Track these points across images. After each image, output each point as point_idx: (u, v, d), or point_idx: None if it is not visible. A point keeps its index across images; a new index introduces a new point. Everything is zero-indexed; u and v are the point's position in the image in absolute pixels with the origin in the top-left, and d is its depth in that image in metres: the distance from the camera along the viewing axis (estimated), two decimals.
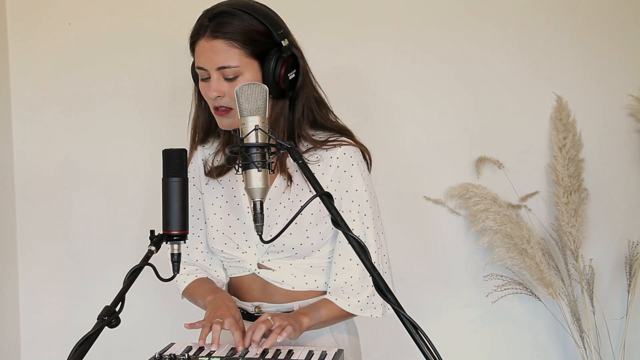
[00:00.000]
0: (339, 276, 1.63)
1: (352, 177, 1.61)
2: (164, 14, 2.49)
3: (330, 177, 1.61)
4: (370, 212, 1.63)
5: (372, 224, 1.63)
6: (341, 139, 1.63)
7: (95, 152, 2.55)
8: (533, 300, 2.44)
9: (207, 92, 1.56)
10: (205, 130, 1.71)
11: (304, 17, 2.44)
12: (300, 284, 1.66)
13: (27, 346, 2.60)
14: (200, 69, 1.56)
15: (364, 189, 1.62)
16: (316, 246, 1.63)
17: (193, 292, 1.72)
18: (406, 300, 1.31)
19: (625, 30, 2.45)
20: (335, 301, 1.62)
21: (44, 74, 2.54)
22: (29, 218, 2.58)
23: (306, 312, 1.58)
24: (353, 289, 1.62)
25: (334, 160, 1.61)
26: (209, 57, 1.53)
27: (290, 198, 1.63)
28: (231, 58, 1.52)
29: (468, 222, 2.46)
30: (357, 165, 1.62)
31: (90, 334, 1.14)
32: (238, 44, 1.52)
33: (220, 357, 1.40)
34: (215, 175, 1.69)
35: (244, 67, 1.53)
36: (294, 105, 1.62)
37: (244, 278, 1.69)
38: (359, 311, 1.63)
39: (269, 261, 1.65)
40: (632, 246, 2.43)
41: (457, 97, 2.47)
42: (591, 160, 2.45)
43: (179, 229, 1.37)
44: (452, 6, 2.45)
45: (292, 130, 1.62)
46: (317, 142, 1.62)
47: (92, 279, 2.56)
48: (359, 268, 1.61)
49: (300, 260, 1.64)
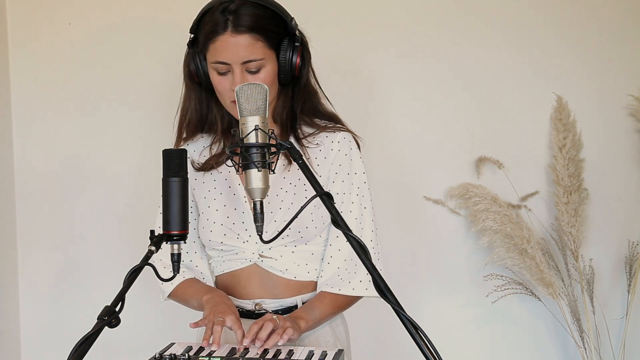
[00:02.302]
0: (333, 259, 1.66)
1: (352, 161, 1.68)
2: (164, 14, 2.49)
3: (331, 161, 1.66)
4: (367, 194, 1.70)
5: (370, 205, 1.70)
6: (338, 125, 1.70)
7: (96, 153, 2.55)
8: (533, 300, 2.44)
9: (228, 86, 1.57)
10: (194, 127, 1.72)
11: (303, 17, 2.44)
12: (302, 273, 1.67)
13: (27, 346, 2.60)
14: (221, 64, 1.56)
15: (362, 172, 1.69)
16: (319, 230, 1.66)
17: (183, 292, 1.71)
18: (406, 300, 1.31)
19: (625, 30, 2.45)
20: (339, 291, 1.64)
21: (44, 74, 2.54)
22: (29, 219, 2.58)
23: (302, 315, 1.59)
24: (349, 271, 1.65)
25: (334, 144, 1.67)
26: (233, 51, 1.53)
27: (292, 182, 1.65)
28: (256, 52, 1.54)
29: (468, 222, 2.46)
30: (355, 149, 1.70)
31: (90, 334, 1.14)
32: (261, 37, 1.54)
33: (220, 357, 1.40)
34: (215, 165, 1.70)
35: (267, 59, 1.56)
36: (294, 93, 1.66)
37: (242, 271, 1.68)
38: (364, 291, 1.65)
39: (270, 249, 1.65)
40: (632, 246, 2.44)
41: (457, 97, 2.47)
42: (591, 160, 2.45)
43: (179, 228, 1.37)
44: (453, 6, 2.45)
45: (294, 116, 1.67)
46: (319, 127, 1.68)
47: (92, 279, 2.56)
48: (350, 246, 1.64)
49: (303, 247, 1.66)
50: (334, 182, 1.66)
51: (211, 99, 1.68)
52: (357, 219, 1.67)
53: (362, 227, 1.66)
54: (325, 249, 1.68)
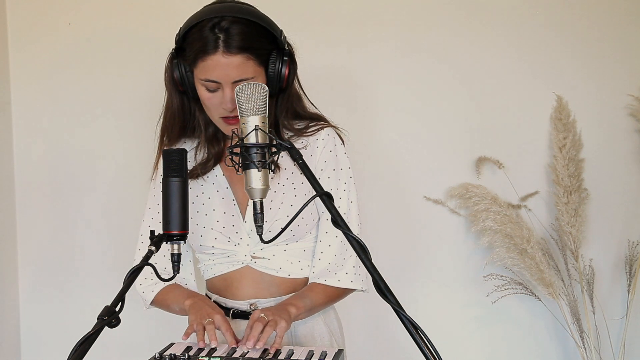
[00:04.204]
0: (324, 254, 1.67)
1: (337, 157, 1.70)
2: (163, 14, 2.48)
3: (317, 158, 1.68)
4: (354, 188, 1.71)
5: (355, 199, 1.72)
6: (321, 123, 1.71)
7: (96, 153, 2.54)
8: (533, 300, 2.44)
9: (218, 104, 1.58)
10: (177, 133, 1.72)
11: (303, 17, 2.45)
12: (295, 270, 1.67)
13: (27, 346, 2.60)
14: (210, 82, 1.55)
15: (347, 167, 1.71)
16: (309, 227, 1.67)
17: (164, 298, 1.71)
18: (406, 300, 1.31)
19: (625, 30, 2.44)
20: (325, 282, 1.65)
21: (44, 74, 2.54)
22: (29, 219, 2.58)
23: (292, 301, 1.59)
24: (337, 264, 1.65)
25: (319, 141, 1.68)
26: (224, 71, 1.53)
27: (279, 182, 1.66)
28: (247, 71, 1.54)
29: (468, 222, 2.46)
30: (339, 145, 1.71)
31: (90, 334, 1.14)
32: (252, 56, 1.54)
33: (220, 357, 1.40)
34: (201, 172, 1.70)
35: (257, 76, 1.56)
36: (277, 101, 1.66)
37: (235, 273, 1.68)
38: (349, 283, 1.66)
39: (261, 250, 1.66)
40: (632, 246, 2.43)
41: (457, 97, 2.47)
42: (591, 160, 2.45)
43: (179, 229, 1.37)
44: (453, 7, 2.45)
45: (277, 121, 1.67)
46: (298, 130, 1.69)
47: (92, 279, 2.56)
48: (339, 241, 1.66)
49: (294, 245, 1.67)
50: (320, 178, 1.66)
51: (195, 105, 1.67)
52: (346, 214, 1.68)
53: (349, 221, 1.66)
54: (316, 245, 1.69)
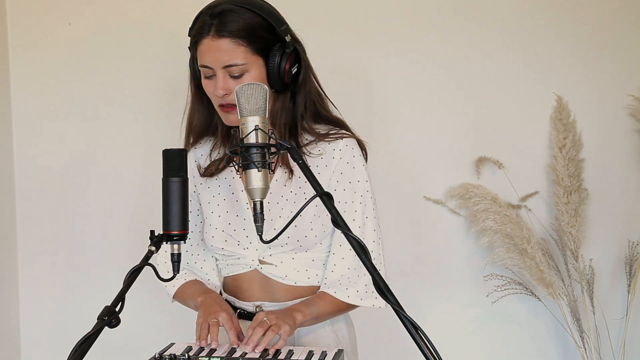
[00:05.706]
0: (337, 267, 1.64)
1: (354, 169, 1.65)
2: (164, 14, 2.49)
3: (333, 169, 1.64)
4: (370, 202, 1.67)
5: (372, 214, 1.67)
6: (342, 132, 1.67)
7: (96, 153, 2.55)
8: (533, 300, 2.44)
9: (212, 90, 1.57)
10: (200, 131, 1.72)
11: (304, 18, 2.44)
12: (302, 279, 1.66)
13: (27, 346, 2.60)
14: (205, 67, 1.56)
15: (365, 180, 1.66)
16: (319, 238, 1.64)
17: (183, 293, 1.71)
18: (406, 300, 1.31)
19: (625, 30, 2.44)
20: (334, 294, 1.62)
21: (44, 74, 2.54)
22: (29, 219, 2.58)
23: (299, 308, 1.58)
24: (350, 280, 1.63)
25: (336, 152, 1.64)
26: (214, 55, 1.53)
27: (292, 191, 1.64)
28: (237, 56, 1.53)
29: (468, 222, 2.46)
30: (358, 157, 1.66)
31: (90, 334, 1.14)
32: (244, 42, 1.53)
33: (220, 357, 1.40)
34: (215, 171, 1.70)
35: (250, 64, 1.54)
36: (295, 99, 1.64)
37: (244, 275, 1.68)
38: (359, 301, 1.64)
39: (270, 256, 1.65)
40: (632, 246, 2.43)
41: (457, 97, 2.47)
42: (591, 160, 2.45)
43: (179, 229, 1.37)
44: (453, 8, 2.45)
45: (294, 123, 1.65)
46: (319, 135, 1.65)
47: (92, 280, 2.56)
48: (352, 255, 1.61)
49: (303, 254, 1.65)
50: (335, 190, 1.63)
51: None
52: (360, 228, 1.64)
53: (364, 237, 1.63)
54: (328, 256, 1.66)
